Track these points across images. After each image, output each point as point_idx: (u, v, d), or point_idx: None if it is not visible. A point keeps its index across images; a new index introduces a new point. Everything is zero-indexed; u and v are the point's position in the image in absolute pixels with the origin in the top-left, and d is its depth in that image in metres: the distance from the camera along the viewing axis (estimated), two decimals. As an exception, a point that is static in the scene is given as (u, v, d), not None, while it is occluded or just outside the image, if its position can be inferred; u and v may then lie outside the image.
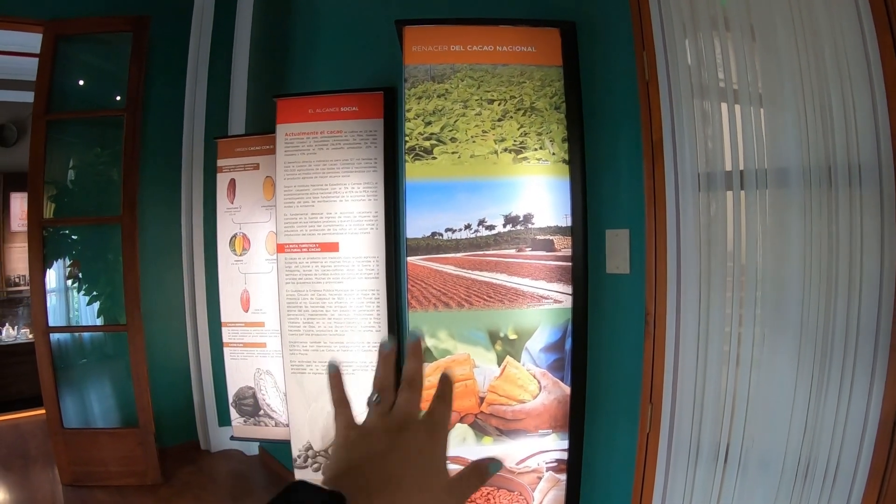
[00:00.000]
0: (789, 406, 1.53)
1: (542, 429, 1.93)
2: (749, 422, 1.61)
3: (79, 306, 4.29)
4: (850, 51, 1.43)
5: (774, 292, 1.56)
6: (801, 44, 1.50)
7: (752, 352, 1.60)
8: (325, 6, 3.37)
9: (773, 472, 1.55)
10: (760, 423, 1.59)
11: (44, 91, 3.86)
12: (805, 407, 1.52)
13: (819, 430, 1.50)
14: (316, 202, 2.60)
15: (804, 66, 1.50)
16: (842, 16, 1.44)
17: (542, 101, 1.92)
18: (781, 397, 1.54)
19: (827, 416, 1.49)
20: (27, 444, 4.84)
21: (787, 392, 1.53)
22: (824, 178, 1.49)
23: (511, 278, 1.91)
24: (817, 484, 1.49)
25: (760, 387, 1.58)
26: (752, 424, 1.61)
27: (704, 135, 1.68)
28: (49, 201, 4.04)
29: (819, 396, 1.50)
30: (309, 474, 2.71)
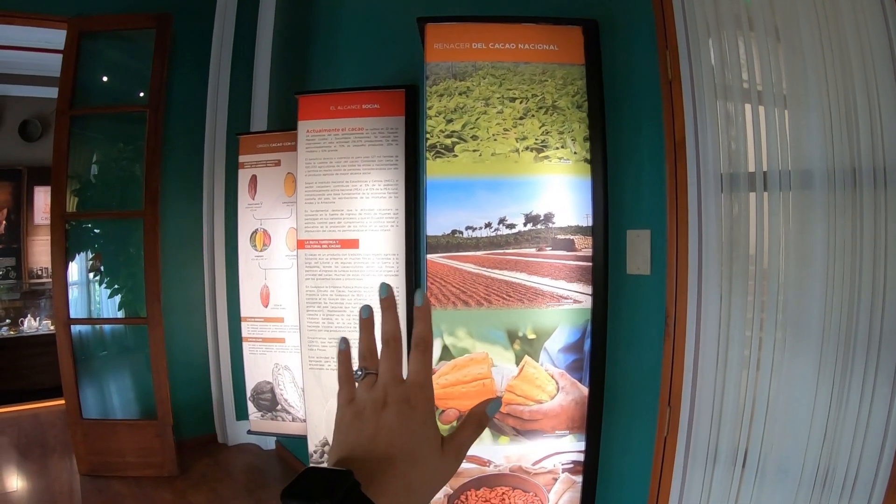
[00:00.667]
0: (809, 412, 1.51)
1: (559, 430, 1.92)
2: (768, 427, 1.59)
3: (100, 299, 4.35)
4: (876, 51, 1.41)
5: (796, 296, 1.54)
6: (826, 44, 1.48)
7: (773, 356, 1.58)
8: (347, 3, 3.37)
9: (792, 479, 1.53)
10: (780, 429, 1.57)
11: (67, 87, 3.92)
12: (825, 414, 1.50)
13: (839, 438, 1.48)
14: (337, 199, 2.61)
15: (829, 67, 1.48)
16: (867, 16, 1.42)
17: (564, 100, 1.91)
18: (801, 403, 1.52)
19: (847, 423, 1.47)
20: (46, 433, 4.92)
21: (808, 398, 1.51)
22: (849, 179, 1.47)
23: (531, 277, 1.90)
24: (836, 492, 1.46)
25: (780, 392, 1.56)
26: (771, 430, 1.59)
27: (728, 135, 1.66)
28: (72, 195, 4.09)
29: (840, 404, 1.48)
30: (325, 470, 2.72)
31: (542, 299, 1.90)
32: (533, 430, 1.92)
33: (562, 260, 1.90)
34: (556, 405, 1.91)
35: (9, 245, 6.56)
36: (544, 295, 1.90)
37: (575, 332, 1.90)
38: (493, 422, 1.92)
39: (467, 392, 1.91)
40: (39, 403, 5.50)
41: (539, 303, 1.90)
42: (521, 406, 1.91)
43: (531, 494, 1.96)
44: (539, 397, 1.90)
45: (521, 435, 1.92)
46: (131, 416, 4.28)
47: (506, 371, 1.91)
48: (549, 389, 1.90)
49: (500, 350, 1.91)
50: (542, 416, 1.91)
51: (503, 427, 1.92)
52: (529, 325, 1.90)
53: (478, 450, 1.94)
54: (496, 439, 1.93)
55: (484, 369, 1.91)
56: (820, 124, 1.48)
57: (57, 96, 3.93)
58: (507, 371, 1.91)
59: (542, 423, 1.91)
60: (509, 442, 1.93)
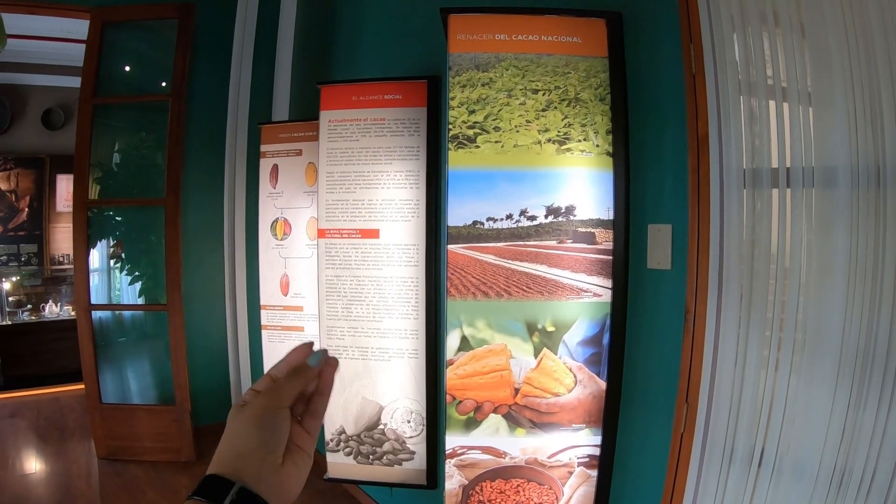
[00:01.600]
0: (827, 414, 1.50)
1: (576, 423, 1.92)
2: (785, 427, 1.58)
3: (121, 285, 4.41)
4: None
5: (817, 296, 1.53)
6: (852, 41, 1.46)
7: (792, 357, 1.56)
8: (368, -5, 3.38)
9: (808, 479, 1.52)
10: (797, 429, 1.56)
11: (90, 76, 3.96)
12: (843, 416, 1.48)
13: (856, 441, 1.46)
14: (358, 189, 2.62)
15: (854, 64, 1.46)
16: (894, 12, 1.40)
17: (587, 93, 1.90)
18: (819, 405, 1.50)
19: (865, 426, 1.45)
20: (65, 417, 5.00)
21: (826, 400, 1.49)
22: (872, 178, 1.45)
23: (551, 270, 1.90)
24: (852, 493, 1.45)
25: (799, 392, 1.55)
26: (788, 429, 1.57)
27: (751, 131, 1.65)
28: (94, 183, 4.15)
29: (858, 406, 1.46)
30: (340, 457, 2.74)
31: (561, 292, 1.90)
32: (549, 423, 1.92)
33: (582, 253, 1.90)
34: (574, 398, 1.91)
35: (31, 232, 6.66)
36: (564, 288, 1.90)
37: (594, 325, 1.90)
38: (511, 413, 1.93)
39: (485, 383, 1.92)
40: (59, 388, 5.59)
41: (559, 295, 1.90)
42: (539, 398, 1.91)
43: (546, 487, 1.96)
44: (556, 390, 1.91)
45: (537, 427, 1.92)
46: (149, 402, 4.33)
47: (524, 363, 1.91)
48: (567, 382, 1.90)
49: (519, 342, 1.91)
50: (559, 409, 1.91)
51: (520, 419, 1.93)
52: (549, 317, 1.90)
53: (494, 441, 1.95)
54: (512, 431, 1.93)
55: (502, 361, 1.91)
56: (845, 121, 1.47)
57: (80, 85, 3.98)
58: (526, 363, 1.91)
59: (559, 417, 1.91)
60: (526, 434, 1.93)
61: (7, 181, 6.55)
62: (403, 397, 2.63)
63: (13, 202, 6.59)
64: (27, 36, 5.46)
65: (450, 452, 1.98)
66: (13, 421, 4.88)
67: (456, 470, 1.98)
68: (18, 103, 6.52)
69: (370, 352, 2.64)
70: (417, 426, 2.62)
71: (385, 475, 2.71)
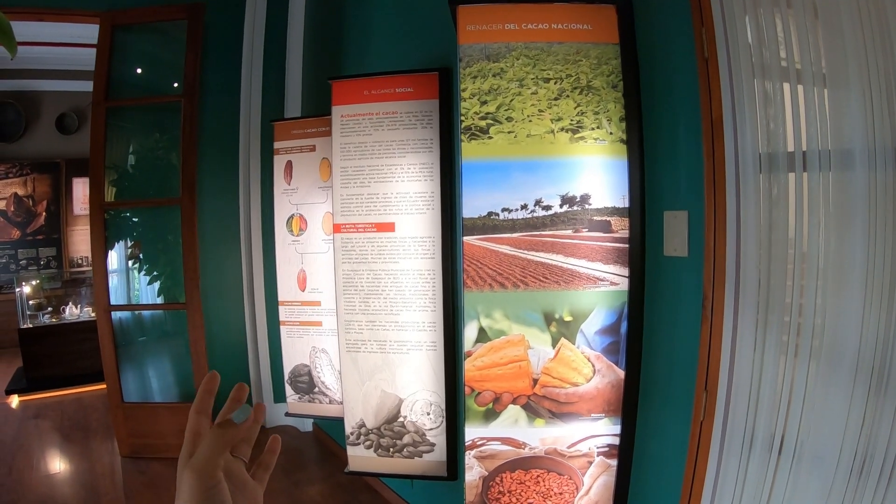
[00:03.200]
0: (847, 398, 1.48)
1: (595, 413, 1.92)
2: (805, 414, 1.57)
3: (140, 286, 4.45)
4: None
5: (836, 279, 1.51)
6: (866, 20, 1.44)
7: (812, 342, 1.55)
8: (377, -11, 3.38)
9: (828, 466, 1.50)
10: (817, 416, 1.54)
11: (102, 79, 3.99)
12: (864, 399, 1.47)
13: (877, 427, 1.45)
14: (372, 182, 2.63)
15: (869, 44, 1.44)
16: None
17: (599, 80, 1.89)
18: (840, 389, 1.49)
19: (886, 412, 1.44)
20: (89, 417, 5.06)
21: (846, 385, 1.48)
22: (890, 160, 1.43)
23: (567, 259, 1.89)
24: (873, 479, 1.44)
25: (818, 379, 1.54)
26: (808, 416, 1.56)
27: (766, 114, 1.63)
28: (110, 185, 4.19)
29: (878, 390, 1.45)
30: (361, 451, 2.76)
31: (578, 281, 1.89)
32: (569, 413, 1.92)
33: (598, 241, 1.89)
34: (593, 388, 1.90)
35: (49, 235, 6.75)
36: (581, 277, 1.89)
37: (611, 314, 1.90)
38: (530, 404, 1.93)
39: (503, 374, 1.92)
40: (82, 388, 5.66)
41: (575, 285, 1.89)
42: (558, 388, 1.91)
43: (566, 477, 1.96)
44: (575, 380, 1.90)
45: (556, 418, 1.92)
46: (171, 400, 4.38)
47: (542, 353, 1.91)
48: (586, 372, 1.90)
49: (537, 332, 1.91)
50: (577, 398, 1.91)
51: (539, 410, 1.93)
52: (566, 307, 1.90)
53: (513, 432, 1.95)
54: (532, 422, 1.94)
55: (520, 351, 1.91)
56: (861, 103, 1.45)
57: (92, 89, 4.01)
58: (544, 353, 1.91)
59: (578, 406, 1.91)
60: (545, 424, 1.93)
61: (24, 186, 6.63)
62: (422, 389, 2.64)
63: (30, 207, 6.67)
64: (38, 42, 5.52)
65: (469, 444, 1.98)
66: (37, 422, 4.95)
67: (476, 461, 1.98)
68: (32, 109, 6.59)
69: (388, 345, 2.65)
70: (437, 418, 2.63)
71: (405, 467, 2.72)
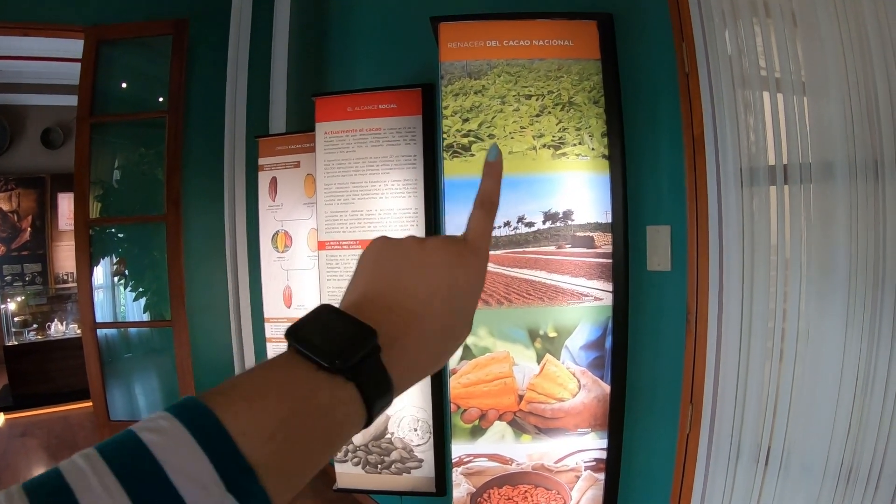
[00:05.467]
0: (833, 405, 1.49)
1: (582, 427, 1.91)
2: (791, 423, 1.57)
3: (126, 302, 4.42)
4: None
5: (819, 287, 1.52)
6: (845, 28, 1.45)
7: (796, 347, 1.56)
8: (361, 4, 3.38)
9: (815, 475, 1.51)
10: (803, 424, 1.55)
11: (87, 95, 3.98)
12: (849, 406, 1.48)
13: (864, 433, 1.46)
14: (356, 199, 2.62)
15: (848, 53, 1.45)
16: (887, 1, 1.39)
17: (581, 96, 1.90)
18: (825, 396, 1.50)
19: (872, 415, 1.44)
20: (76, 435, 5.00)
21: (832, 391, 1.49)
22: (871, 170, 1.44)
23: (551, 275, 1.89)
24: (860, 487, 1.44)
25: (804, 384, 1.55)
26: (794, 425, 1.57)
27: (747, 126, 1.65)
28: (95, 201, 4.16)
29: (865, 396, 1.46)
30: (349, 467, 2.74)
31: (562, 297, 1.89)
32: (555, 429, 1.91)
33: (582, 257, 1.89)
34: (578, 403, 1.90)
35: (34, 251, 6.69)
36: (564, 293, 1.89)
37: (596, 329, 1.90)
38: (516, 420, 1.92)
39: (489, 391, 1.92)
40: (69, 406, 5.60)
41: (559, 301, 1.89)
42: (543, 404, 1.91)
43: (553, 492, 1.95)
44: (561, 395, 1.90)
45: (543, 433, 1.92)
46: (158, 418, 4.33)
47: (527, 369, 1.91)
48: (571, 387, 1.90)
49: (521, 348, 1.91)
50: (564, 413, 1.90)
51: (525, 426, 1.92)
52: (550, 323, 1.90)
53: (500, 448, 1.94)
54: (518, 438, 1.93)
55: (505, 368, 1.91)
56: (841, 113, 1.46)
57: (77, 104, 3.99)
58: (529, 369, 1.91)
59: (565, 421, 1.91)
60: (531, 440, 1.93)
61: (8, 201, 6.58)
62: (409, 405, 2.62)
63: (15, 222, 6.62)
64: (24, 57, 5.48)
65: (456, 461, 1.97)
66: (24, 440, 4.89)
67: (463, 478, 1.97)
68: (17, 123, 6.55)
69: (375, 361, 2.63)
70: (424, 434, 2.61)
71: (394, 484, 2.70)
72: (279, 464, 0.34)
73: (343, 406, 0.38)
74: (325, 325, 0.40)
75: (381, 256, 0.47)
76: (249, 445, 0.33)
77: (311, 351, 0.38)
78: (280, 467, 0.34)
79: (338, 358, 0.37)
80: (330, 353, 0.38)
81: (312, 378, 0.37)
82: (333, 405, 0.37)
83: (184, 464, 0.31)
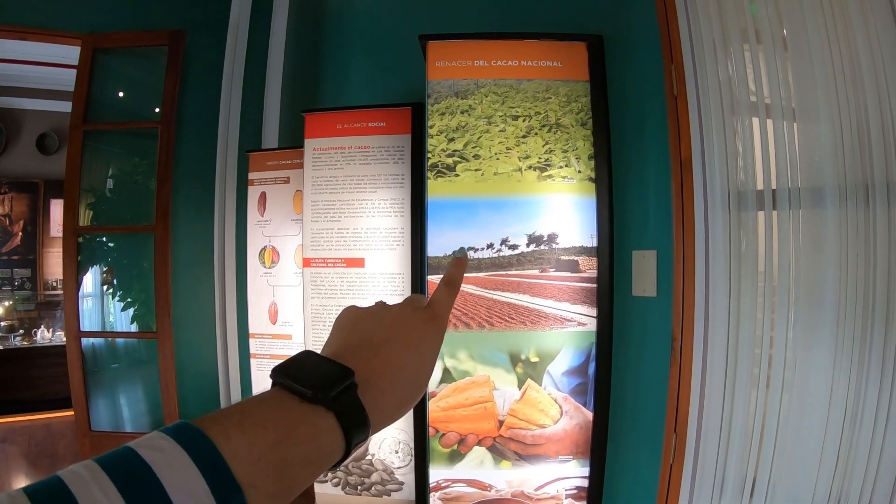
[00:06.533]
0: (821, 437, 1.46)
1: (563, 455, 1.87)
2: (777, 454, 1.54)
3: (115, 312, 4.37)
4: (888, 60, 1.37)
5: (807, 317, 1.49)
6: (836, 54, 1.45)
7: (783, 375, 1.53)
8: (355, 22, 3.38)
9: (802, 510, 1.48)
10: (789, 456, 1.52)
11: (81, 101, 3.96)
12: (837, 439, 1.45)
13: (852, 466, 1.43)
14: (343, 217, 2.58)
15: (839, 79, 1.44)
16: (878, 24, 1.38)
17: (568, 117, 1.87)
18: (813, 428, 1.47)
19: (860, 450, 1.42)
20: (56, 444, 4.94)
21: (819, 423, 1.46)
22: (861, 195, 1.42)
23: (534, 299, 1.86)
24: (848, 524, 1.42)
25: (791, 416, 1.52)
26: (780, 457, 1.54)
27: (735, 150, 1.63)
28: (88, 209, 4.13)
29: (853, 427, 1.44)
30: (329, 488, 2.69)
31: (545, 322, 1.86)
32: (535, 455, 1.87)
33: (566, 282, 1.86)
34: (560, 430, 1.86)
35: (25, 256, 6.63)
36: (548, 317, 1.86)
37: (579, 355, 1.86)
38: (496, 446, 1.88)
39: (468, 415, 1.88)
40: (51, 414, 5.53)
41: (542, 325, 1.86)
42: (524, 430, 1.87)
43: (535, 519, 1.91)
44: (542, 421, 1.86)
45: (523, 460, 1.88)
46: (142, 429, 4.28)
47: (508, 394, 1.87)
48: (553, 413, 1.86)
49: (502, 373, 1.87)
50: (545, 440, 1.86)
51: (505, 452, 1.88)
52: (532, 347, 1.86)
53: (479, 474, 1.90)
54: (497, 464, 1.89)
55: (485, 392, 1.87)
56: (831, 138, 1.45)
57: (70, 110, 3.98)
58: (510, 394, 1.87)
59: (545, 448, 1.87)
60: (511, 467, 1.88)
61: (1, 205, 6.54)
62: (391, 427, 2.58)
63: (7, 226, 6.57)
64: (22, 61, 5.48)
65: (434, 486, 1.93)
66: (3, 447, 4.83)
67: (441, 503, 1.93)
68: (13, 127, 6.52)
69: (357, 381, 2.59)
70: (405, 456, 2.56)
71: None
72: (265, 484, 0.38)
73: (324, 435, 0.42)
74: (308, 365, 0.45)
75: (357, 318, 0.54)
76: (240, 466, 0.37)
77: (296, 383, 0.43)
78: (266, 488, 0.38)
79: (320, 390, 0.42)
80: (313, 387, 0.42)
81: (297, 409, 0.42)
82: (316, 434, 0.42)
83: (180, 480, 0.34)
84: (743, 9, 1.61)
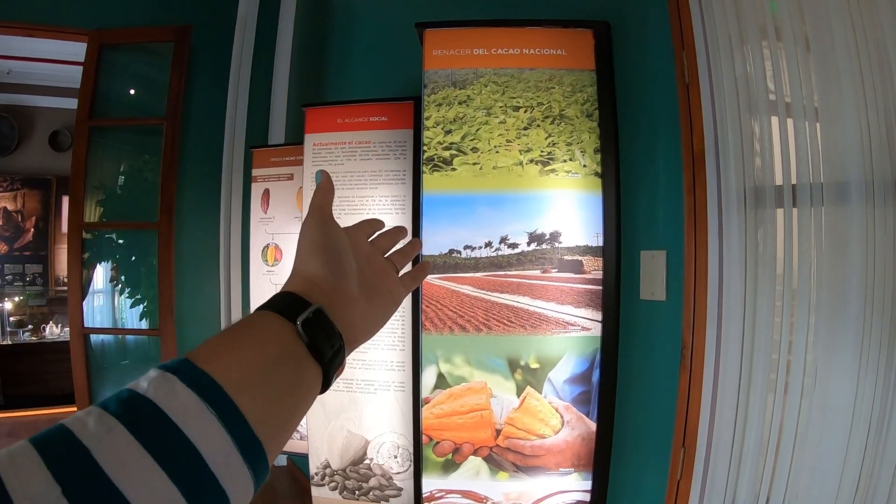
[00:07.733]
0: (842, 450, 1.36)
1: (564, 467, 1.77)
2: (794, 471, 1.44)
3: (124, 308, 4.36)
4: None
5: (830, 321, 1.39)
6: (864, 50, 1.35)
7: (803, 382, 1.42)
8: (360, 16, 3.35)
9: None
10: (808, 472, 1.42)
11: (87, 98, 3.96)
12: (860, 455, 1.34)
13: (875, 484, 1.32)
14: (343, 214, 2.50)
15: (866, 74, 1.34)
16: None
17: (573, 109, 1.77)
18: (833, 442, 1.37)
19: (885, 467, 1.31)
20: (62, 439, 4.94)
21: (841, 437, 1.35)
22: (889, 192, 1.32)
23: (535, 302, 1.77)
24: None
25: (809, 429, 1.41)
26: (797, 474, 1.44)
27: (752, 142, 1.53)
28: (97, 205, 4.15)
29: (878, 443, 1.33)
30: (326, 492, 2.61)
31: (546, 326, 1.76)
32: (534, 467, 1.78)
33: (569, 283, 1.76)
34: (561, 440, 1.76)
35: (36, 252, 6.68)
36: (549, 321, 1.76)
37: (582, 361, 1.76)
38: (492, 456, 1.78)
39: (464, 423, 1.79)
40: (59, 409, 5.56)
41: (543, 329, 1.76)
42: (523, 440, 1.77)
43: (534, 534, 1.81)
44: (542, 431, 1.76)
45: (521, 471, 1.78)
46: (145, 428, 4.25)
47: (506, 402, 1.78)
48: (553, 423, 1.76)
49: (500, 379, 1.78)
50: (544, 451, 1.77)
51: (502, 462, 1.78)
52: (532, 353, 1.77)
53: (474, 485, 1.81)
54: (494, 475, 1.79)
55: (482, 399, 1.78)
56: (857, 136, 1.35)
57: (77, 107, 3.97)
58: (508, 402, 1.78)
59: (545, 460, 1.77)
60: (509, 478, 1.79)
61: (13, 201, 6.58)
62: (390, 431, 2.49)
63: (19, 222, 6.62)
64: (34, 58, 5.50)
65: (427, 496, 1.84)
66: (10, 441, 4.79)
67: (436, 516, 1.84)
68: (26, 124, 6.57)
69: (356, 384, 2.51)
70: (404, 462, 2.48)
71: (373, 512, 2.57)
72: (264, 418, 0.42)
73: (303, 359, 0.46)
74: (291, 307, 0.48)
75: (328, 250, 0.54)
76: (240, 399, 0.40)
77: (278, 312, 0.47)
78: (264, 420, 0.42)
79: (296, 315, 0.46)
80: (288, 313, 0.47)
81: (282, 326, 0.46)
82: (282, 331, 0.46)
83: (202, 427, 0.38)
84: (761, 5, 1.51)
